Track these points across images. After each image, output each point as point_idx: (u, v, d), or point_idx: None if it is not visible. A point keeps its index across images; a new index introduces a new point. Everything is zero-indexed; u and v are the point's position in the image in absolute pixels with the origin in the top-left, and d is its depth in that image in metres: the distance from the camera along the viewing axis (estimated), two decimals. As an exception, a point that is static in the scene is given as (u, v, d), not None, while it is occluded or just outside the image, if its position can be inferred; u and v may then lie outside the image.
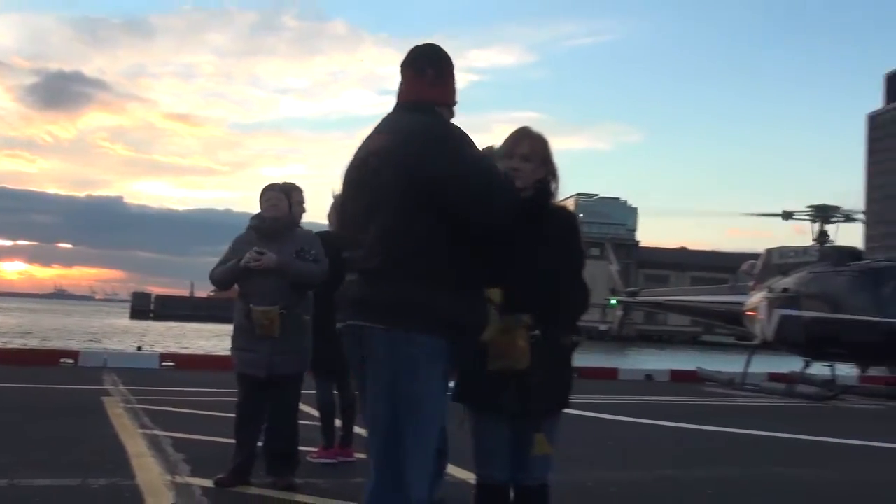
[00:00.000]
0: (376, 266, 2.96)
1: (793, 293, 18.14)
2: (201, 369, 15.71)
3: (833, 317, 17.18)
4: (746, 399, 15.67)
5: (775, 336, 18.51)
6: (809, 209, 20.99)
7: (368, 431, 3.08)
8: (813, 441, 9.93)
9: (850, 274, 17.58)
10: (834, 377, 17.81)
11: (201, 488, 5.53)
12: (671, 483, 6.80)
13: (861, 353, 17.49)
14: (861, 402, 16.08)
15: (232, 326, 5.92)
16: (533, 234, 3.33)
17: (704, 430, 10.46)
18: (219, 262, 5.94)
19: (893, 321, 16.13)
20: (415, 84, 3.21)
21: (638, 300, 34.31)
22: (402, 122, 3.14)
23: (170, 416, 8.87)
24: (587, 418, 10.16)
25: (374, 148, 3.10)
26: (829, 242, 20.13)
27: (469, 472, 3.56)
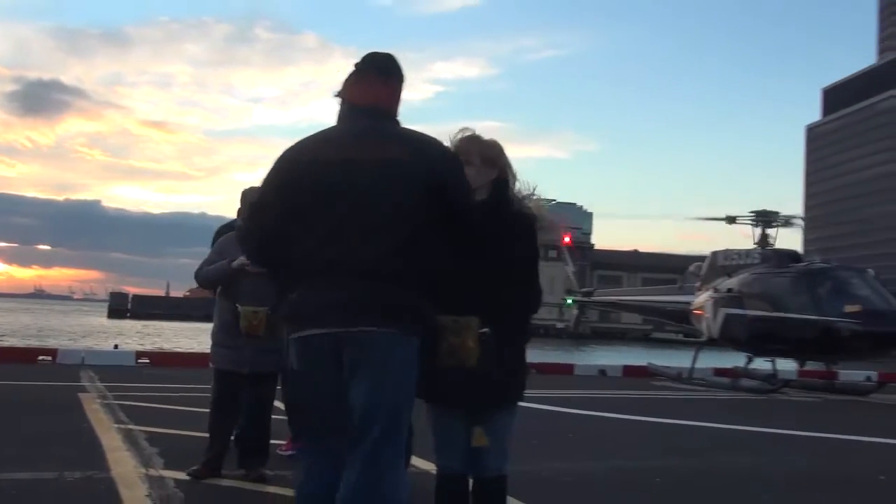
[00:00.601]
0: (365, 269, 2.86)
1: (736, 293, 18.32)
2: (176, 366, 15.51)
3: (774, 315, 17.37)
4: (693, 392, 15.77)
5: (720, 333, 18.67)
6: (752, 214, 21.16)
7: (339, 431, 2.96)
8: (755, 431, 10.05)
9: (789, 275, 17.78)
10: (775, 372, 17.95)
11: (174, 481, 5.46)
12: (623, 472, 6.83)
13: (799, 349, 17.72)
14: (799, 394, 16.28)
15: (206, 324, 5.87)
16: (489, 235, 3.33)
17: (655, 422, 10.52)
18: (204, 262, 5.89)
19: (829, 319, 16.37)
20: (381, 90, 3.10)
21: (593, 300, 34.39)
22: (393, 133, 3.07)
23: (145, 411, 8.75)
24: (545, 411, 10.20)
25: (381, 158, 2.94)
26: (769, 245, 20.29)
27: (431, 463, 3.55)
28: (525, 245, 3.47)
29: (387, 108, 3.10)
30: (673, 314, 23.72)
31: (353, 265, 2.86)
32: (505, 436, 3.43)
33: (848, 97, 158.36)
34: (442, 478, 3.46)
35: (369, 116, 3.05)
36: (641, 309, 29.01)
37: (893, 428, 10.99)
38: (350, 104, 3.09)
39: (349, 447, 2.91)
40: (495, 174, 3.45)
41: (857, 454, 8.75)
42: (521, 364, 3.50)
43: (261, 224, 3.13)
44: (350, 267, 2.86)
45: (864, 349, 16.94)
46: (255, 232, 3.20)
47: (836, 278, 17.34)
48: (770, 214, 20.99)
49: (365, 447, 2.87)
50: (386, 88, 3.12)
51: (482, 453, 3.35)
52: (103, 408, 8.94)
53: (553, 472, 6.46)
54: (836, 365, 18.13)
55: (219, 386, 5.77)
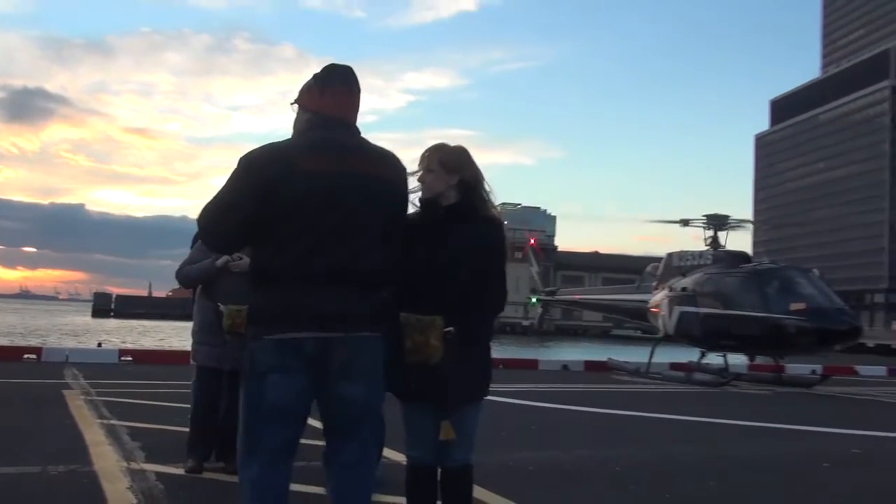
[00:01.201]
0: (356, 277, 2.89)
1: (690, 292, 18.44)
2: (158, 363, 15.37)
3: (725, 313, 17.50)
4: (651, 386, 15.87)
5: (675, 330, 18.77)
6: (704, 218, 21.32)
7: (338, 431, 2.98)
8: (707, 422, 10.12)
9: (739, 275, 17.89)
10: (726, 366, 18.13)
11: (155, 473, 5.40)
12: (584, 461, 6.85)
13: (749, 345, 17.86)
14: (749, 387, 16.39)
15: (186, 323, 5.81)
16: (455, 238, 3.33)
17: (614, 413, 10.55)
18: (185, 261, 5.81)
19: (777, 316, 16.54)
20: (349, 102, 3.08)
21: (556, 298, 34.54)
22: (372, 148, 3.08)
23: (127, 407, 8.63)
24: (510, 404, 10.22)
25: (373, 174, 2.97)
26: (721, 247, 20.43)
27: (401, 455, 3.54)
28: (493, 247, 3.47)
29: (353, 120, 3.09)
30: (631, 312, 23.84)
31: (350, 274, 2.88)
32: (471, 428, 3.44)
33: (794, 108, 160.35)
34: (412, 468, 3.46)
35: (342, 128, 3.03)
36: (602, 307, 29.15)
37: (837, 418, 11.14)
38: (321, 115, 3.02)
39: (333, 445, 2.96)
40: (456, 179, 3.42)
41: (803, 442, 8.86)
42: (487, 360, 3.51)
43: (225, 222, 2.99)
44: (347, 275, 2.87)
45: (810, 345, 17.10)
46: (220, 229, 3.05)
47: (783, 278, 17.47)
48: (721, 218, 21.17)
49: (354, 446, 2.96)
50: (352, 100, 3.09)
51: (450, 445, 3.35)
52: (87, 404, 8.82)
53: (518, 461, 6.48)
54: (783, 359, 18.27)
55: (201, 382, 5.72)
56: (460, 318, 3.24)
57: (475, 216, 3.44)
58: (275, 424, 2.92)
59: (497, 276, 3.46)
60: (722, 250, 20.10)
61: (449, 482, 3.43)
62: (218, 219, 2.99)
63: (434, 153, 3.47)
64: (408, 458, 3.48)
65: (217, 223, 3.01)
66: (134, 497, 4.77)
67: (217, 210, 2.98)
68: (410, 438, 3.44)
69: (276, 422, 2.92)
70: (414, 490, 3.45)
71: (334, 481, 2.99)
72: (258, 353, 2.92)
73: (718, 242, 20.64)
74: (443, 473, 3.43)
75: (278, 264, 2.87)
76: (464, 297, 3.30)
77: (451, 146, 3.53)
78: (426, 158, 3.46)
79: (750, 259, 20.15)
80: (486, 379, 3.48)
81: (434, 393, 3.27)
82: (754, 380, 17.62)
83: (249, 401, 2.96)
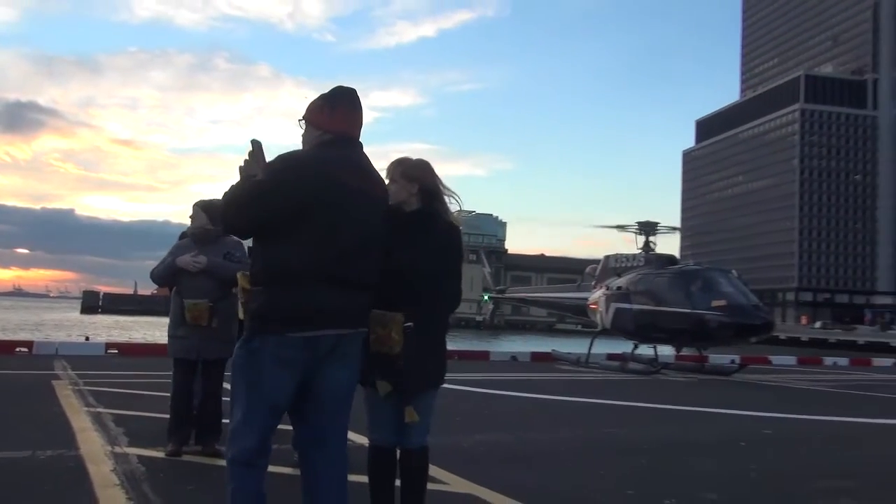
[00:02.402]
0: (367, 284, 2.99)
1: (625, 290, 18.48)
2: (141, 355, 15.02)
3: (655, 309, 17.57)
4: (590, 374, 15.90)
5: (611, 324, 18.78)
6: (637, 224, 21.46)
7: (326, 411, 2.97)
8: (640, 406, 10.20)
9: (667, 275, 17.97)
10: (656, 356, 18.13)
11: (137, 457, 5.29)
12: (531, 443, 6.88)
13: (676, 337, 17.86)
14: (676, 375, 16.52)
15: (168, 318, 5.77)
16: (416, 241, 3.32)
17: (558, 399, 10.59)
18: (159, 262, 5.79)
19: (700, 312, 16.69)
20: (357, 123, 3.09)
21: (506, 296, 34.54)
22: (373, 168, 3.13)
23: (112, 395, 8.44)
24: (464, 392, 10.20)
25: (378, 193, 3.08)
26: (652, 250, 20.55)
27: (364, 437, 3.51)
28: (451, 250, 3.47)
29: (358, 137, 3.10)
30: (573, 308, 23.88)
31: (363, 282, 2.96)
32: (427, 414, 3.43)
33: (716, 128, 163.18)
34: (374, 449, 3.44)
35: (353, 146, 3.06)
36: (547, 304, 29.19)
37: (752, 402, 11.30)
38: (333, 133, 3.00)
39: (318, 424, 2.96)
40: (416, 188, 3.42)
41: (723, 424, 8.96)
42: (443, 352, 3.50)
43: (251, 209, 2.86)
44: (359, 282, 2.94)
45: (729, 337, 17.20)
46: (243, 213, 2.90)
47: (706, 278, 17.56)
48: (653, 224, 21.34)
49: (338, 426, 3.00)
50: (357, 119, 3.09)
51: (407, 428, 3.35)
52: (74, 393, 8.60)
53: (471, 443, 6.48)
54: (705, 350, 18.39)
55: (175, 372, 5.67)
56: (419, 314, 3.23)
57: (436, 221, 3.43)
58: (275, 413, 2.91)
59: (453, 276, 3.46)
60: (653, 253, 20.20)
61: (407, 463, 3.41)
62: (246, 203, 2.87)
63: (397, 166, 3.47)
64: (370, 440, 3.46)
65: (242, 207, 2.88)
66: (117, 478, 4.67)
67: (248, 196, 2.87)
68: (372, 422, 3.42)
69: (276, 411, 2.91)
70: (376, 469, 3.43)
71: (323, 459, 2.96)
72: (278, 347, 2.82)
73: (650, 246, 20.78)
74: (401, 455, 3.42)
75: (305, 267, 2.82)
76: (423, 295, 3.29)
77: (413, 159, 3.53)
78: (390, 170, 3.45)
79: (677, 261, 20.30)
80: (442, 369, 3.47)
81: (392, 381, 3.25)
82: (680, 368, 17.77)
83: (252, 387, 2.85)
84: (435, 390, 3.47)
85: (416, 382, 3.32)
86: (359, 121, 3.09)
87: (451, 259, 3.44)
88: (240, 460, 2.86)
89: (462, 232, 3.58)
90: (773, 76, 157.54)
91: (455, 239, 3.48)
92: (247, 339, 2.88)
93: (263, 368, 2.82)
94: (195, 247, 5.62)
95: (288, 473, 4.44)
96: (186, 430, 5.59)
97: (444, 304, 3.45)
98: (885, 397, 13.02)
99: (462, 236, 3.58)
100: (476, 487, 4.77)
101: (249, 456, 2.86)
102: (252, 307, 2.88)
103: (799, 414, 9.83)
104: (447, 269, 3.42)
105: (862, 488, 5.29)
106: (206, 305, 5.45)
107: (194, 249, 5.58)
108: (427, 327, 3.30)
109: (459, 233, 3.53)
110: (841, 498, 4.97)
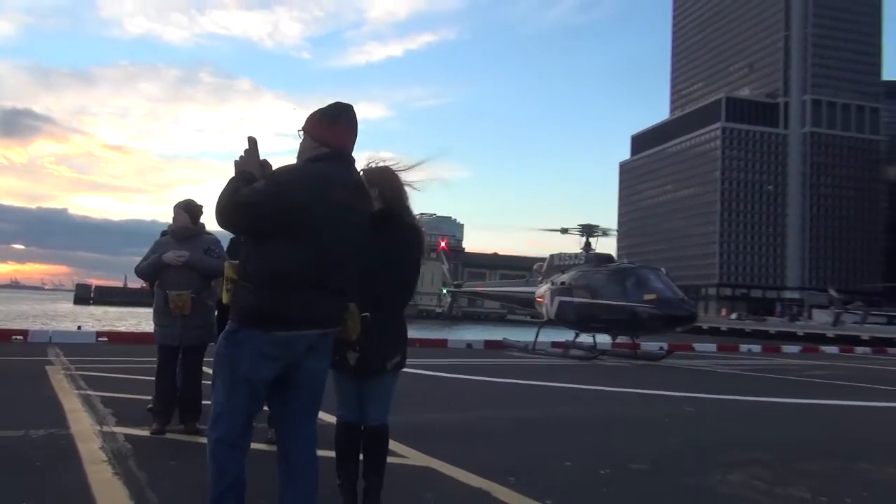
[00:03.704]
0: (347, 290, 2.95)
1: (568, 286, 18.62)
2: (130, 343, 14.75)
3: (594, 302, 17.72)
4: (537, 360, 15.99)
5: (556, 315, 18.90)
6: (580, 226, 21.59)
7: (303, 396, 2.94)
8: (580, 388, 10.27)
9: (605, 272, 18.15)
10: (595, 344, 18.35)
11: (124, 435, 5.18)
12: (483, 421, 6.89)
13: (612, 327, 18.01)
14: (612, 361, 16.67)
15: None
16: (378, 240, 3.30)
17: (508, 382, 10.63)
18: (142, 259, 5.65)
19: (633, 305, 16.90)
20: (352, 139, 3.01)
21: (463, 290, 34.59)
22: (362, 184, 3.08)
23: (101, 379, 8.25)
24: (424, 375, 10.20)
25: (363, 208, 3.01)
26: (592, 250, 20.67)
27: (332, 416, 3.50)
28: (410, 248, 3.45)
29: (352, 151, 3.03)
30: (522, 301, 23.99)
31: (346, 289, 2.93)
32: (388, 394, 3.43)
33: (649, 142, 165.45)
34: (340, 426, 3.43)
35: (347, 161, 2.98)
36: (499, 297, 29.36)
37: (678, 384, 11.49)
38: (329, 147, 2.93)
39: (294, 407, 2.92)
40: (377, 192, 3.38)
41: (651, 403, 9.08)
42: (403, 339, 3.49)
43: (241, 214, 2.78)
44: (344, 290, 2.92)
45: (659, 327, 17.39)
46: (232, 213, 2.81)
47: (639, 275, 17.75)
48: (593, 227, 21.47)
49: (313, 411, 2.97)
50: (352, 134, 3.01)
51: (369, 408, 3.35)
52: (66, 378, 8.38)
53: (428, 421, 6.47)
54: (638, 338, 18.57)
55: (159, 357, 5.58)
56: (377, 304, 3.23)
57: (398, 222, 3.41)
58: (256, 399, 2.85)
59: (408, 272, 3.45)
60: (592, 253, 20.34)
61: (369, 439, 3.40)
62: (243, 205, 2.77)
63: (361, 172, 3.44)
64: (338, 416, 3.44)
65: (239, 208, 2.79)
66: (104, 455, 4.57)
67: (245, 200, 2.77)
68: (340, 402, 3.41)
69: (257, 398, 2.85)
70: (342, 442, 3.42)
71: (302, 440, 2.93)
72: (263, 343, 2.76)
73: (590, 246, 20.97)
74: (364, 431, 3.41)
75: (296, 273, 2.76)
76: (380, 287, 3.29)
77: (376, 167, 3.51)
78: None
79: (614, 260, 20.47)
80: (400, 354, 3.45)
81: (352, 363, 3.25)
82: (616, 355, 17.91)
83: (235, 376, 2.78)
84: (396, 374, 3.45)
85: (374, 364, 3.32)
86: (353, 136, 3.01)
87: (407, 256, 3.42)
88: (225, 442, 2.81)
89: (424, 232, 3.56)
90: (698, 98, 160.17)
91: (414, 238, 3.46)
92: (233, 330, 2.81)
93: (246, 360, 2.76)
94: (176, 243, 5.52)
95: (263, 449, 4.39)
96: (170, 410, 5.49)
97: (397, 297, 3.43)
98: (792, 380, 13.33)
99: (423, 237, 3.57)
100: (432, 460, 4.77)
101: (233, 439, 2.81)
102: (241, 302, 2.78)
103: (718, 394, 10.01)
104: (401, 265, 3.40)
105: (772, 459, 5.40)
106: (189, 296, 5.38)
107: (175, 246, 5.49)
108: (382, 317, 3.28)
109: (419, 233, 3.50)
110: (752, 466, 5.08)
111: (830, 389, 11.69)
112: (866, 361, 20.79)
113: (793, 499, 4.30)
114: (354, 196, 2.95)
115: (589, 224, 21.49)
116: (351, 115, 3.00)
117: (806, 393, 10.76)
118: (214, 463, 2.80)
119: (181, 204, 5.67)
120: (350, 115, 3.00)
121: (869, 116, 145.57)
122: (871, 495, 4.48)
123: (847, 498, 4.37)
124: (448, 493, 4.07)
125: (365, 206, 3.04)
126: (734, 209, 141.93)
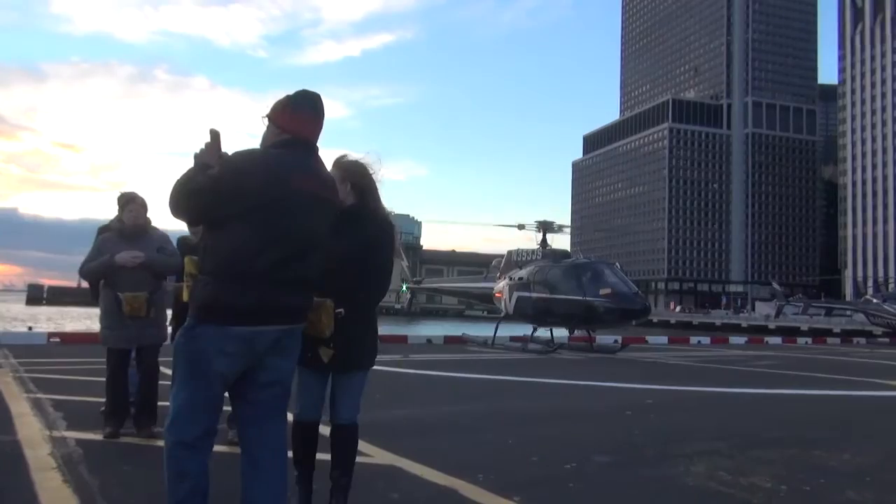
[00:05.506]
0: (310, 283, 2.77)
1: (525, 281, 18.72)
2: (84, 343, 14.13)
3: (551, 297, 17.83)
4: (496, 354, 15.97)
5: (514, 310, 18.99)
6: (536, 223, 21.72)
7: (266, 395, 2.76)
8: (538, 381, 10.26)
9: (561, 268, 18.27)
10: (552, 338, 18.47)
11: (75, 440, 4.87)
12: (444, 415, 6.78)
13: (569, 321, 18.17)
14: (570, 354, 16.73)
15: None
16: (351, 234, 3.15)
17: (468, 377, 10.53)
18: (86, 259, 5.21)
19: (589, 299, 17.04)
20: (317, 128, 2.83)
21: (422, 287, 34.49)
22: (326, 173, 2.90)
23: (52, 382, 7.84)
24: (386, 372, 10.03)
25: (327, 196, 2.81)
26: (548, 246, 20.86)
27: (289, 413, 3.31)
28: (382, 243, 3.29)
29: (316, 141, 2.86)
30: (480, 297, 24.02)
31: (309, 281, 2.76)
32: (358, 392, 3.28)
33: (600, 142, 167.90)
34: (299, 423, 3.26)
35: (309, 150, 2.80)
36: (458, 293, 29.31)
37: (633, 376, 11.56)
38: (291, 134, 2.75)
39: (265, 410, 2.74)
40: (348, 186, 3.24)
41: (610, 395, 9.08)
42: (373, 336, 3.34)
43: (194, 201, 2.62)
44: (307, 282, 2.75)
45: (614, 320, 17.61)
46: (186, 203, 2.64)
47: (594, 270, 17.89)
48: (549, 223, 21.64)
49: (282, 408, 2.80)
50: (318, 124, 2.84)
51: (341, 406, 3.21)
52: (15, 380, 7.93)
53: (392, 417, 6.31)
54: (594, 332, 18.76)
55: (110, 361, 5.22)
56: (349, 301, 3.08)
57: (371, 217, 3.26)
58: (217, 397, 2.66)
59: (381, 267, 3.31)
60: (549, 249, 20.52)
61: (339, 438, 3.24)
62: (197, 193, 2.60)
63: (333, 166, 3.27)
64: (295, 415, 3.26)
65: (193, 197, 2.61)
66: (54, 461, 4.27)
67: (200, 188, 2.60)
68: (300, 398, 3.23)
69: (218, 396, 2.67)
70: (300, 440, 3.24)
71: (270, 436, 2.75)
72: (220, 338, 2.58)
73: (546, 242, 21.12)
74: (333, 429, 3.25)
75: (252, 264, 2.58)
76: (355, 283, 3.14)
77: (348, 160, 3.34)
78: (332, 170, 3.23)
79: (569, 255, 20.65)
80: (372, 352, 3.32)
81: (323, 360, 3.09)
82: (573, 348, 18.00)
83: (194, 373, 2.60)
84: (365, 372, 3.30)
85: (346, 362, 3.17)
86: (318, 126, 2.84)
87: (379, 251, 3.28)
88: (183, 443, 2.60)
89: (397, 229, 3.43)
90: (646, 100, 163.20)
91: (385, 234, 3.32)
92: (190, 326, 2.63)
93: (205, 357, 2.59)
94: (123, 241, 5.13)
95: (224, 451, 4.16)
96: (124, 413, 5.19)
97: (372, 293, 3.28)
98: (743, 370, 13.56)
99: (396, 232, 3.42)
100: (397, 458, 4.62)
101: (193, 439, 2.61)
102: (198, 296, 2.63)
103: (675, 385, 10.08)
104: (375, 261, 3.26)
105: (730, 448, 5.40)
106: (144, 297, 5.06)
107: (122, 244, 5.10)
108: (357, 314, 3.14)
109: (391, 228, 3.37)
110: (713, 456, 5.06)
111: (779, 379, 11.90)
112: (808, 351, 21.34)
113: (756, 488, 4.27)
114: (315, 183, 2.77)
115: (545, 220, 21.63)
116: (316, 104, 2.84)
117: (756, 383, 10.92)
118: (173, 466, 2.59)
119: (140, 200, 5.32)
120: (315, 105, 2.83)
121: (806, 118, 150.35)
122: (828, 482, 4.49)
123: (806, 486, 4.37)
124: (415, 493, 3.92)
125: (328, 196, 2.85)
126: (681, 206, 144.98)
